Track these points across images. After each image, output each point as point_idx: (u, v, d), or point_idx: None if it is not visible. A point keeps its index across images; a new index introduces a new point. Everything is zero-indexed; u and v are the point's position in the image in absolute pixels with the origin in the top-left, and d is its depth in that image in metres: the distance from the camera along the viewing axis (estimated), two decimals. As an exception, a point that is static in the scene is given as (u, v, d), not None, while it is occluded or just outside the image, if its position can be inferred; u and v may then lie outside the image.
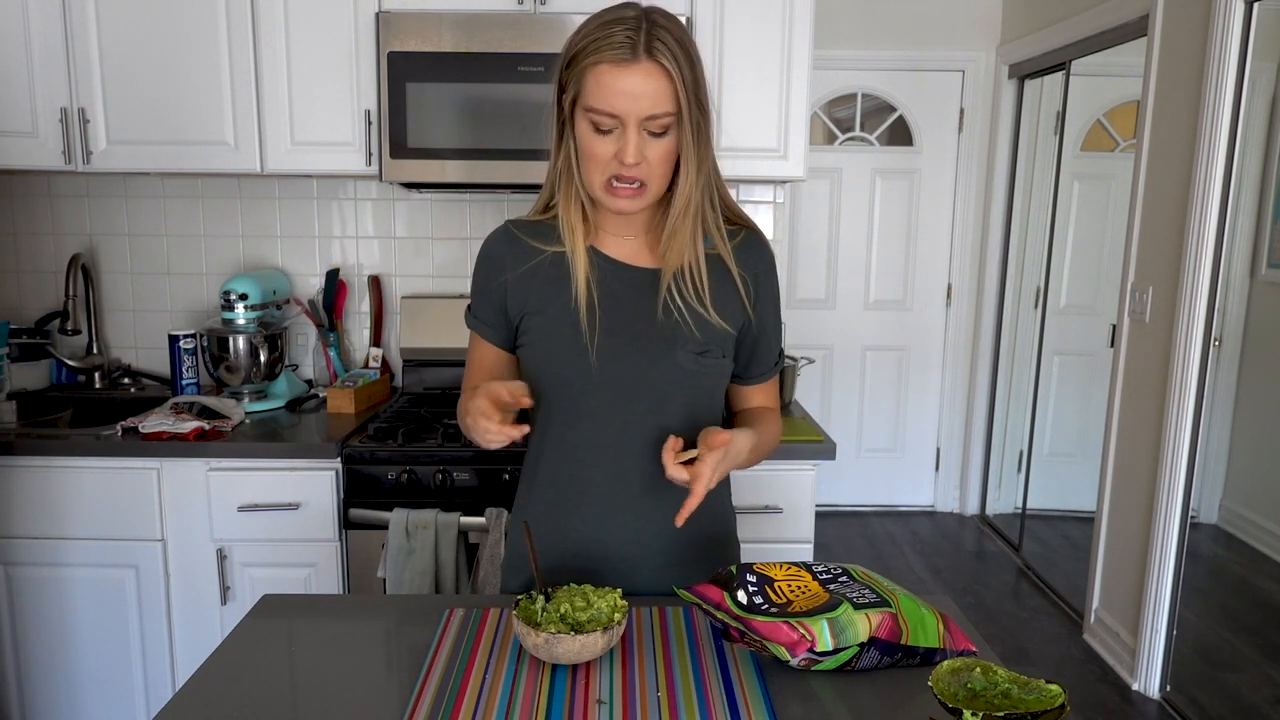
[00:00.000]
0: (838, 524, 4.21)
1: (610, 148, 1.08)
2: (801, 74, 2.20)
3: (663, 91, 1.05)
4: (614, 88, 1.04)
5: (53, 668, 2.07)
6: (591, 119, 1.07)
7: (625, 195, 1.11)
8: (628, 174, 1.09)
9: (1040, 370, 3.83)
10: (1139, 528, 2.76)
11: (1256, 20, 2.36)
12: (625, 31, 1.04)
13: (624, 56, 1.03)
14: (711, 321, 1.18)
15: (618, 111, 1.05)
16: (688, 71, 1.06)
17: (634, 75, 1.04)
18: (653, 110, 1.06)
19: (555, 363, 1.19)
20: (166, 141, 2.18)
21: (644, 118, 1.06)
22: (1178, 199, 2.59)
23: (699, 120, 1.10)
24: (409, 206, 2.53)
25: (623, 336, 1.18)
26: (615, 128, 1.07)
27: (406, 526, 1.90)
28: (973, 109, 4.05)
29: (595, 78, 1.05)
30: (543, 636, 0.98)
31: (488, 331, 1.25)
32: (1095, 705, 2.70)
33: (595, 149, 1.09)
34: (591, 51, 1.05)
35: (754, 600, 1.01)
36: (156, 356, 2.55)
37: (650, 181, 1.11)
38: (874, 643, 1.00)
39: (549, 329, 1.19)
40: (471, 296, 1.27)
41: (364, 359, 2.55)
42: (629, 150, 1.07)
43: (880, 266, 4.22)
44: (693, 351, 1.18)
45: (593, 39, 1.05)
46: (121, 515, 2.00)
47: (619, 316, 1.18)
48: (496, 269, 1.22)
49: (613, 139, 1.08)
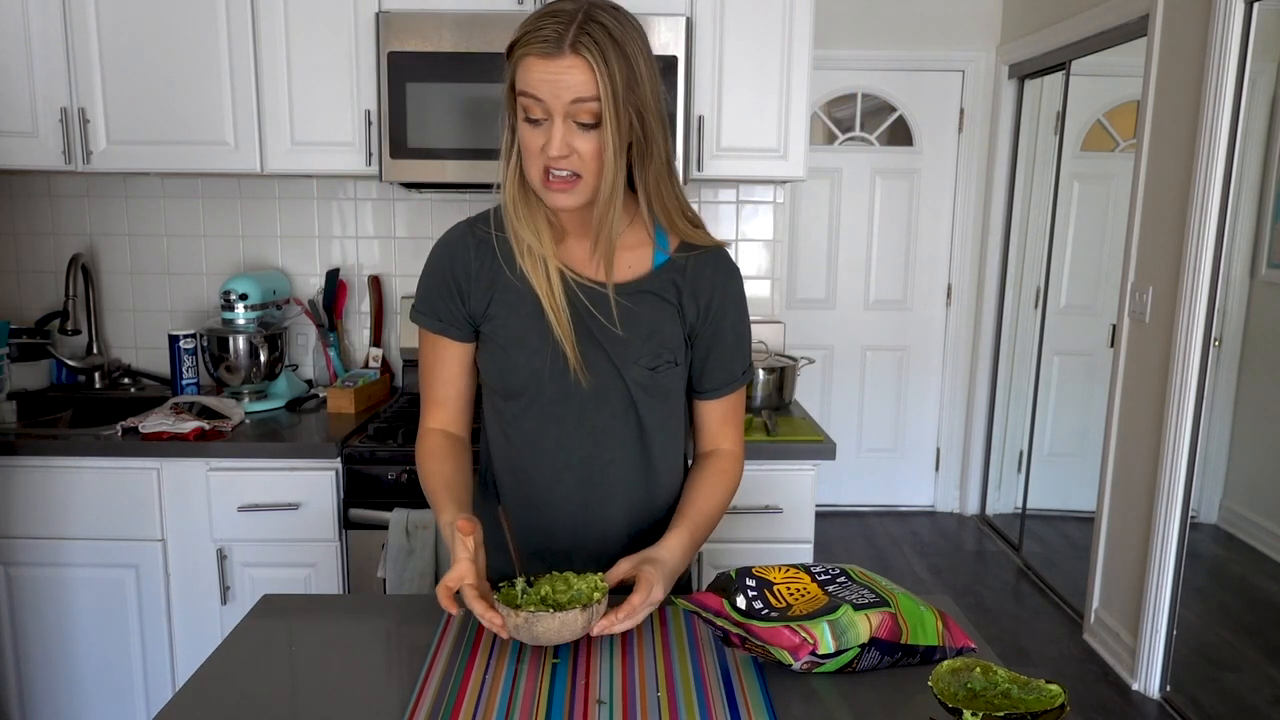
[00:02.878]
0: (838, 524, 4.21)
1: (541, 139, 1.07)
2: (801, 74, 2.20)
3: (587, 82, 1.04)
4: (537, 77, 1.05)
5: (53, 668, 2.07)
6: (522, 104, 1.07)
7: (557, 188, 1.09)
8: (555, 165, 1.08)
9: (1040, 370, 3.83)
10: (1139, 528, 2.76)
11: (1256, 20, 2.36)
12: (556, 25, 1.04)
13: (548, 50, 1.04)
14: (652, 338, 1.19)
15: (542, 96, 1.05)
16: (617, 66, 1.05)
17: (557, 65, 1.04)
18: (576, 95, 1.04)
19: (523, 370, 1.19)
20: (166, 141, 2.18)
21: (569, 103, 1.05)
22: (1178, 199, 2.59)
23: (633, 119, 1.08)
24: (409, 206, 2.53)
25: (587, 346, 1.18)
26: (545, 118, 1.07)
27: (406, 526, 1.90)
28: (973, 109, 4.05)
29: (525, 68, 1.06)
30: (522, 616, 0.98)
31: (454, 332, 1.23)
32: (1095, 705, 2.70)
33: (527, 139, 1.09)
34: (523, 43, 1.06)
35: (754, 605, 1.01)
36: (156, 356, 2.55)
37: (585, 175, 1.09)
38: (875, 643, 1.00)
39: (515, 333, 1.19)
40: (425, 297, 1.24)
41: (364, 359, 2.55)
42: (554, 141, 1.06)
43: (880, 266, 4.22)
44: (644, 366, 1.19)
45: (526, 30, 1.06)
46: (121, 515, 2.00)
47: (582, 326, 1.18)
48: (460, 269, 1.21)
49: (541, 130, 1.07)
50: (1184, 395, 2.54)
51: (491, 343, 1.21)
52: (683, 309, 1.22)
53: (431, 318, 1.23)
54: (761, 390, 2.31)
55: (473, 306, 1.21)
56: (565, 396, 1.20)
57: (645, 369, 1.19)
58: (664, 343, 1.20)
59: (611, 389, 1.20)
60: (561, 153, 1.06)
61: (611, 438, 1.22)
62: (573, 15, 1.05)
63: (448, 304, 1.22)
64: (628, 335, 1.19)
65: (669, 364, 1.21)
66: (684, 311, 1.22)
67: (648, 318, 1.20)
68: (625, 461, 1.24)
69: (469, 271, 1.21)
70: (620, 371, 1.19)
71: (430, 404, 1.28)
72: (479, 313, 1.21)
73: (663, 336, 1.20)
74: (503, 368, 1.20)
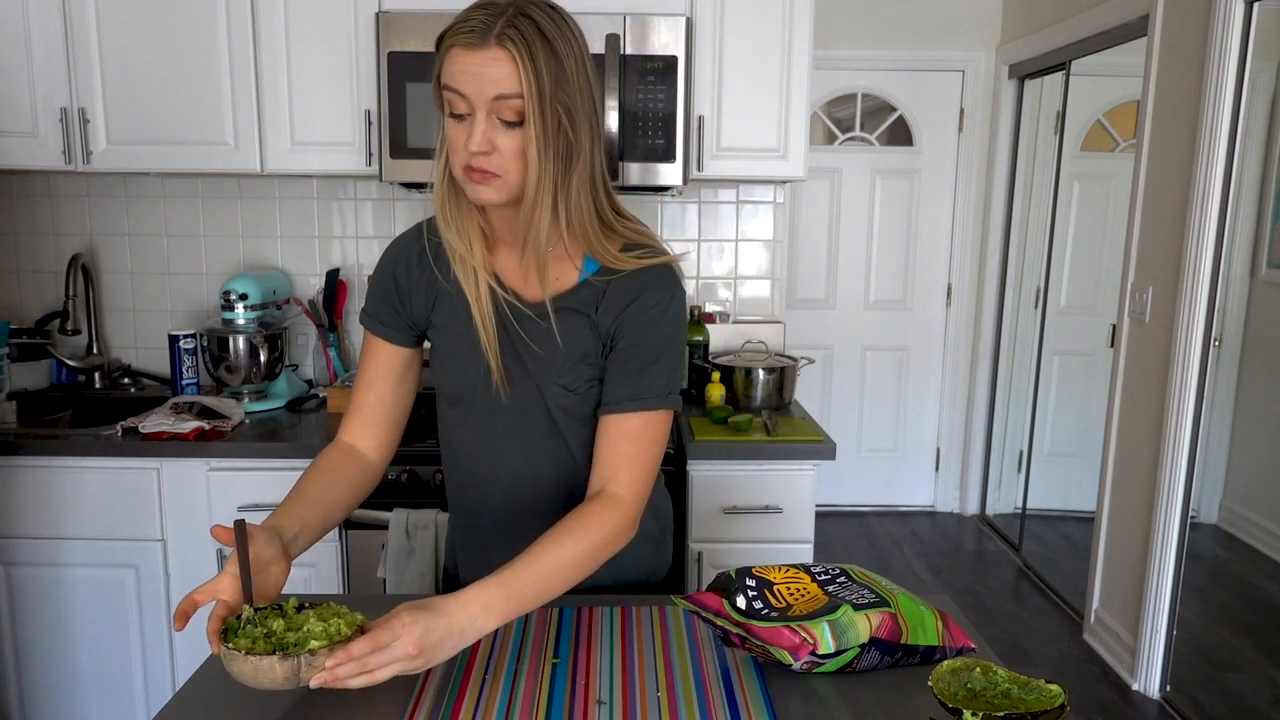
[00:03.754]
0: (838, 524, 4.21)
1: (464, 134, 1.04)
2: (801, 74, 2.20)
3: (510, 77, 1.01)
4: (460, 68, 1.01)
5: (53, 668, 2.07)
6: (445, 98, 1.04)
7: (477, 179, 1.05)
8: (476, 164, 1.04)
9: (1040, 370, 3.83)
10: (1139, 528, 2.76)
11: (1256, 20, 2.36)
12: (484, 16, 1.01)
13: (473, 40, 1.01)
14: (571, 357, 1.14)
15: (464, 90, 1.02)
16: (545, 63, 1.01)
17: (480, 57, 1.01)
18: (497, 91, 1.01)
19: (462, 380, 1.18)
20: (166, 141, 2.18)
21: (491, 98, 1.01)
22: (1178, 199, 2.59)
23: (561, 119, 1.03)
24: (409, 206, 2.53)
25: (511, 361, 1.16)
26: (469, 113, 1.03)
27: (406, 526, 1.90)
28: (973, 109, 4.05)
29: (449, 59, 1.03)
30: (221, 651, 0.87)
31: (391, 334, 1.20)
32: (1095, 705, 2.70)
33: (450, 133, 1.05)
34: (449, 35, 1.03)
35: (754, 605, 1.01)
36: (156, 356, 2.55)
37: (506, 174, 1.04)
38: (875, 643, 1.00)
39: (453, 340, 1.18)
40: (370, 298, 1.23)
41: (364, 359, 2.55)
42: (475, 136, 1.02)
43: (880, 266, 4.22)
44: (564, 386, 1.16)
45: (453, 24, 1.04)
46: (121, 515, 2.00)
47: (507, 340, 1.16)
48: (402, 271, 1.20)
49: (464, 126, 1.04)
50: (1184, 395, 2.54)
51: (434, 348, 1.21)
52: (597, 323, 1.14)
53: (374, 320, 1.22)
54: (761, 390, 2.31)
55: (414, 311, 1.20)
56: (495, 409, 1.18)
57: (564, 389, 1.16)
58: (586, 361, 1.15)
59: (534, 407, 1.18)
60: (481, 148, 1.02)
61: (541, 454, 1.20)
62: (503, 9, 1.02)
63: (388, 306, 1.21)
64: (548, 354, 1.15)
65: (591, 383, 1.16)
66: (598, 325, 1.15)
67: (570, 336, 1.14)
68: (556, 480, 1.21)
69: (411, 274, 1.19)
70: (541, 391, 1.17)
71: (350, 411, 1.23)
72: (421, 318, 1.20)
73: (585, 355, 1.15)
74: (441, 374, 1.20)
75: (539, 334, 1.15)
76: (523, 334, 1.15)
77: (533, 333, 1.15)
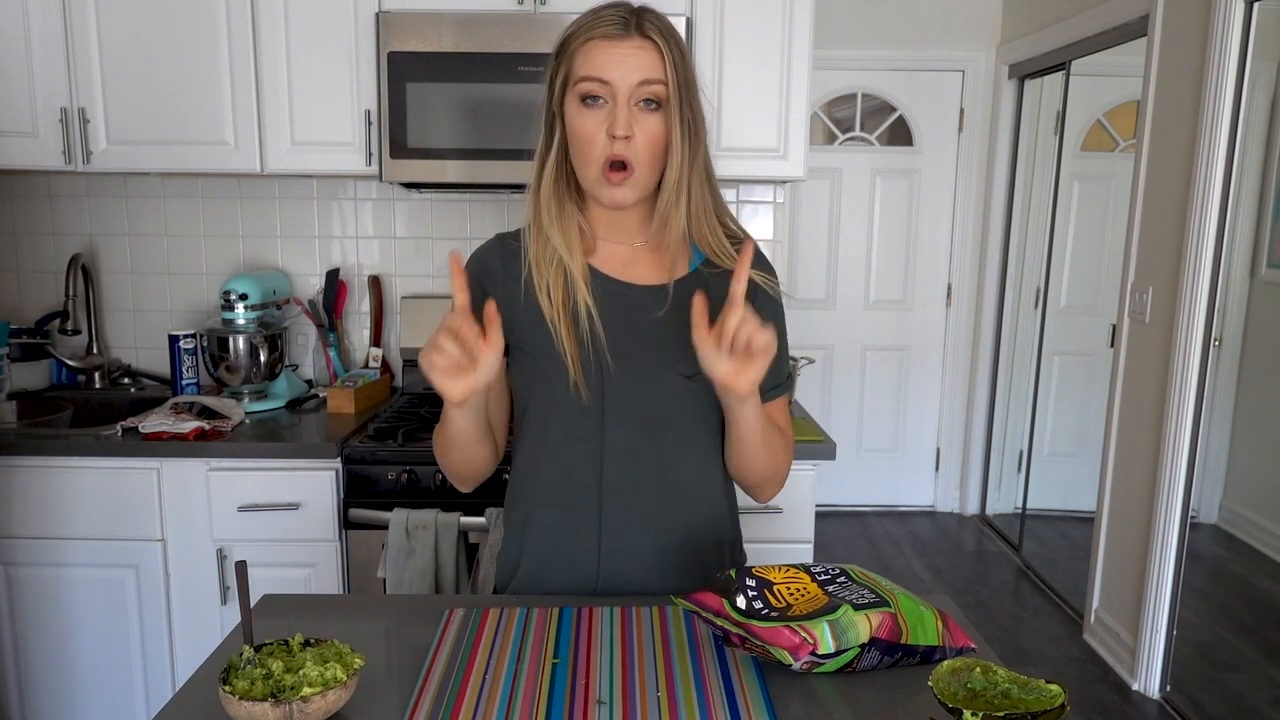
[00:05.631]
0: (838, 524, 4.21)
1: (600, 122, 1.06)
2: (801, 74, 2.20)
3: (654, 63, 1.06)
4: (604, 58, 1.05)
5: (53, 668, 2.07)
6: (581, 89, 1.07)
7: (617, 180, 1.08)
8: (617, 153, 1.06)
9: (1040, 370, 3.83)
10: (1139, 528, 2.76)
11: (1256, 20, 2.36)
12: (618, 14, 1.07)
13: (616, 32, 1.05)
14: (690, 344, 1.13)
15: (608, 77, 1.05)
16: (678, 54, 1.07)
17: (625, 46, 1.05)
18: (643, 76, 1.05)
19: (554, 385, 1.15)
20: (166, 141, 2.18)
21: (635, 84, 1.05)
22: (1178, 199, 2.59)
23: (689, 111, 1.09)
24: (409, 206, 2.53)
25: (621, 360, 1.15)
26: (605, 100, 1.06)
27: (406, 526, 1.90)
28: (973, 109, 4.05)
29: (586, 53, 1.06)
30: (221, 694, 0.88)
31: None
32: (1095, 705, 2.70)
33: (585, 125, 1.07)
34: (583, 33, 1.06)
35: (754, 605, 1.01)
36: (156, 356, 2.55)
37: (638, 165, 1.08)
38: (875, 643, 1.00)
39: (547, 350, 1.15)
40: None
41: (364, 359, 2.55)
42: (619, 121, 1.05)
43: (880, 266, 4.23)
44: (682, 374, 1.15)
45: (584, 24, 1.08)
46: (121, 515, 2.00)
47: (618, 338, 1.15)
48: (490, 281, 1.18)
49: (603, 114, 1.07)
50: (1184, 395, 2.54)
51: (518, 356, 1.18)
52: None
53: None
54: (761, 390, 2.30)
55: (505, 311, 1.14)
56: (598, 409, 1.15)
57: (682, 376, 1.15)
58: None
59: (640, 401, 1.15)
60: (626, 131, 1.05)
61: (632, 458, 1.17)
62: (632, 8, 1.08)
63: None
64: (668, 338, 1.14)
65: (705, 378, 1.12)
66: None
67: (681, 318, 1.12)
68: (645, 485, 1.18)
69: (497, 281, 1.18)
70: (655, 382, 1.15)
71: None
72: (512, 328, 1.17)
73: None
74: (534, 381, 1.17)
75: (651, 324, 1.15)
76: (634, 325, 1.15)
77: (644, 322, 1.15)
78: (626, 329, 1.15)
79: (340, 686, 0.89)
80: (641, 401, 1.16)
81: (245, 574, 0.96)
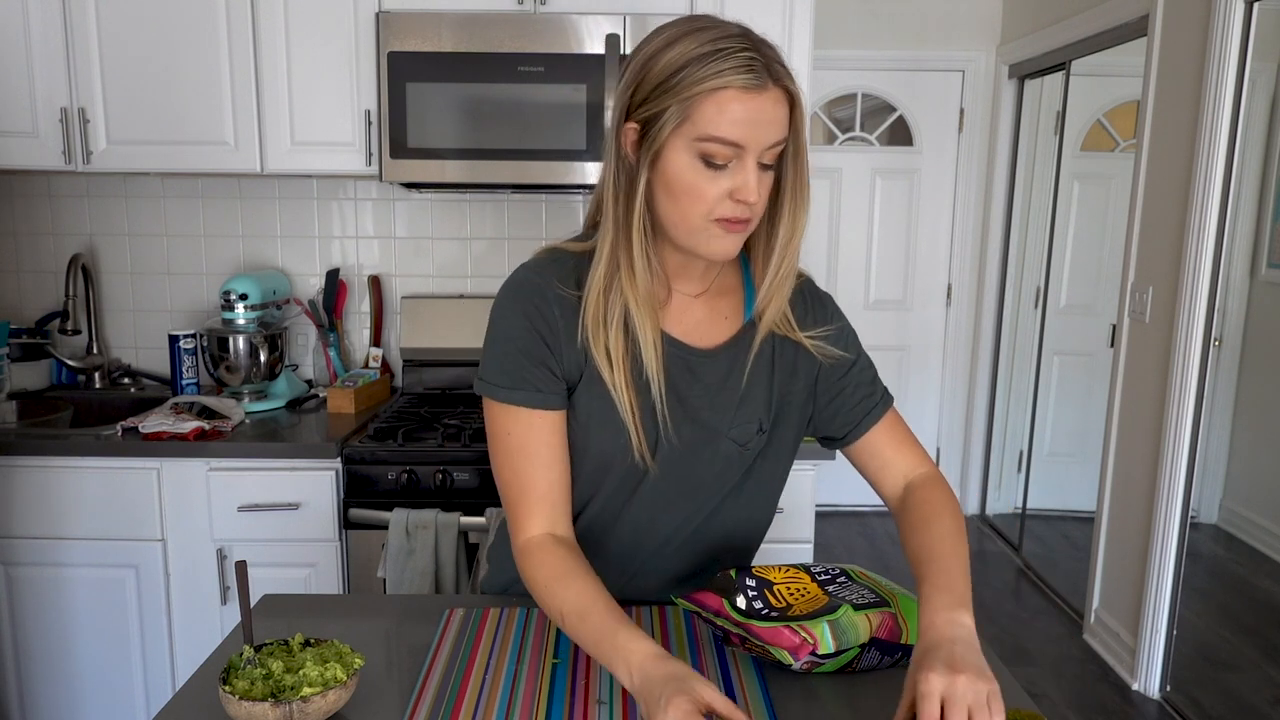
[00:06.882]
0: (838, 524, 4.21)
1: (721, 185, 0.93)
2: (802, 74, 2.19)
3: (785, 119, 0.94)
4: (741, 116, 0.90)
5: (53, 668, 2.07)
6: (705, 150, 0.92)
7: (738, 232, 0.97)
8: (741, 215, 0.95)
9: (1040, 370, 3.83)
10: (1139, 528, 2.76)
11: (1256, 20, 2.36)
12: (746, 54, 0.90)
13: (753, 82, 0.90)
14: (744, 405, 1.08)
15: (743, 141, 0.91)
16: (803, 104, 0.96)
17: (764, 102, 0.91)
18: (776, 138, 0.93)
19: (608, 449, 1.06)
20: (166, 141, 2.18)
21: (765, 148, 0.93)
22: (1178, 199, 2.59)
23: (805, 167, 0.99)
24: (409, 206, 2.53)
25: (676, 425, 1.06)
26: (730, 160, 0.93)
27: (406, 526, 1.90)
28: (973, 109, 4.05)
29: (718, 105, 0.90)
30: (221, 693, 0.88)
31: (555, 400, 1.03)
32: (1095, 705, 2.70)
33: (703, 187, 0.93)
34: (711, 75, 0.90)
35: (754, 605, 1.01)
36: (156, 356, 2.55)
37: (754, 220, 0.97)
38: (875, 643, 1.00)
39: (599, 411, 1.04)
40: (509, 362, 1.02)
41: (364, 359, 2.55)
42: (750, 188, 0.93)
43: (880, 266, 4.22)
44: (735, 441, 1.08)
45: (707, 61, 0.90)
46: (121, 515, 2.00)
47: (674, 403, 1.06)
48: (545, 327, 1.02)
49: (725, 175, 0.93)
50: (1184, 395, 2.54)
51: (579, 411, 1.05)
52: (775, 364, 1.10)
53: (528, 390, 1.02)
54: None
55: (567, 370, 1.04)
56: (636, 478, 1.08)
57: (735, 442, 1.08)
58: (754, 411, 1.09)
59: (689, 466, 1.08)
60: (757, 198, 0.94)
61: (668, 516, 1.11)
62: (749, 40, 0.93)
63: (543, 370, 1.02)
64: (723, 403, 1.07)
65: (758, 433, 1.10)
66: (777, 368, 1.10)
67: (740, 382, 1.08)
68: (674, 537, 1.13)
69: (558, 332, 1.03)
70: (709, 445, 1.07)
71: (523, 503, 1.03)
72: (573, 378, 1.04)
73: (754, 404, 1.09)
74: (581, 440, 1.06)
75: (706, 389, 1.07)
76: (690, 388, 1.07)
77: (699, 386, 1.07)
78: (683, 395, 1.07)
79: (340, 686, 0.89)
80: (691, 466, 1.09)
81: (245, 574, 0.96)
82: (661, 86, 0.92)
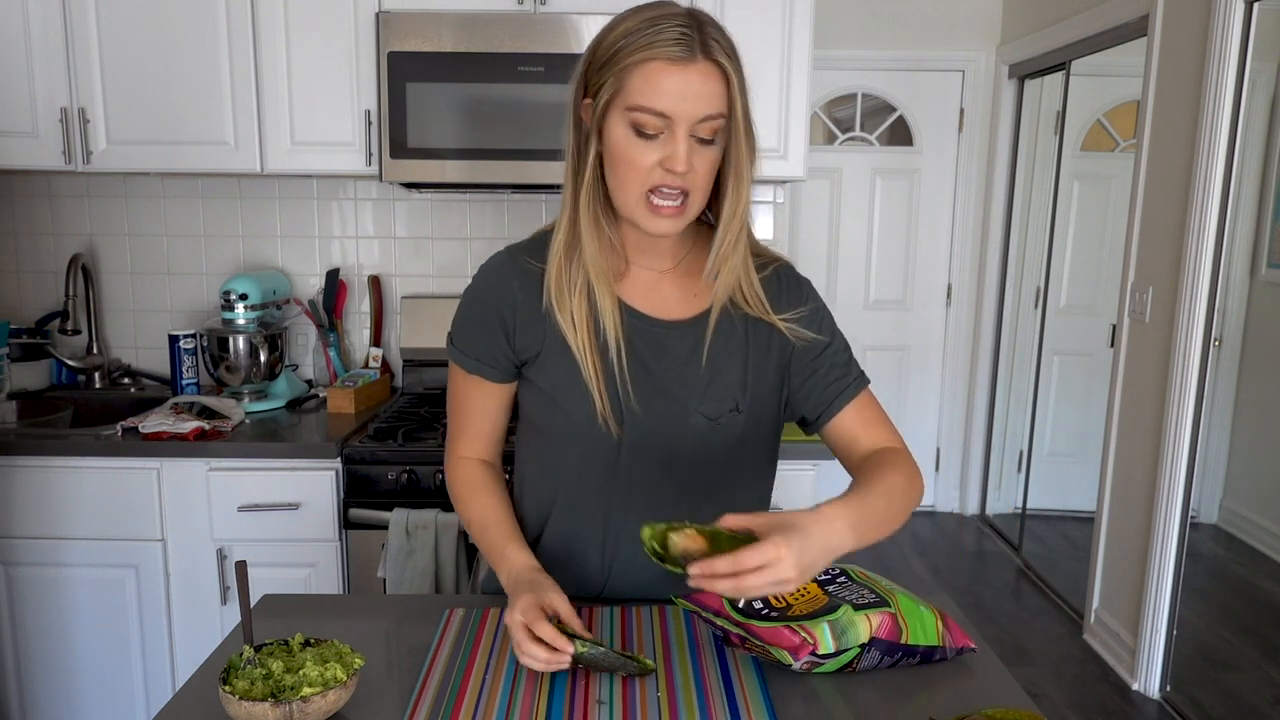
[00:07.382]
0: (838, 524, 4.20)
1: (653, 154, 0.97)
2: (801, 74, 2.20)
3: (718, 94, 0.96)
4: (666, 86, 0.94)
5: (53, 668, 2.07)
6: (635, 119, 0.96)
7: (668, 214, 1.00)
8: (673, 184, 0.98)
9: (1040, 370, 3.83)
10: (1139, 528, 2.76)
11: (1256, 20, 2.36)
12: (679, 28, 0.94)
13: (680, 54, 0.93)
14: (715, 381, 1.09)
15: (669, 112, 0.95)
16: (741, 80, 0.98)
17: (689, 73, 0.94)
18: (707, 111, 0.96)
19: (574, 416, 1.09)
20: (166, 141, 2.18)
21: (696, 120, 0.96)
22: (1178, 199, 2.59)
23: (748, 143, 1.02)
24: (409, 206, 2.53)
25: (644, 398, 1.08)
26: (661, 132, 0.96)
27: (406, 526, 1.90)
28: (973, 109, 4.05)
29: (644, 76, 0.94)
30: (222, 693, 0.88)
31: (492, 373, 1.13)
32: (1095, 705, 2.70)
33: (635, 156, 0.97)
34: (641, 47, 0.94)
35: (754, 605, 1.01)
36: (156, 356, 2.55)
37: (693, 194, 1.00)
38: (875, 643, 1.00)
39: (565, 379, 1.08)
40: (463, 331, 1.14)
41: (364, 359, 2.55)
42: (679, 157, 0.96)
43: (880, 266, 4.23)
44: (705, 416, 1.09)
45: (639, 35, 0.95)
46: (121, 515, 2.00)
47: (640, 375, 1.08)
48: (504, 304, 1.10)
49: (656, 145, 0.97)
50: (1184, 395, 2.54)
51: (534, 386, 1.12)
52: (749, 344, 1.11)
53: (470, 356, 1.13)
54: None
55: (519, 345, 1.11)
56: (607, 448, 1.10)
57: (706, 418, 1.09)
58: (727, 389, 1.10)
59: (661, 441, 1.10)
60: (686, 168, 0.97)
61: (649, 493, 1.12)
62: (689, 15, 0.96)
63: (489, 342, 1.12)
64: (691, 377, 1.09)
65: (731, 412, 1.10)
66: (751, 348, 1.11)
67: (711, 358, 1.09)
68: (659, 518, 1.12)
69: (514, 306, 1.10)
70: (679, 419, 1.09)
71: (460, 434, 1.19)
72: (527, 352, 1.11)
73: (726, 382, 1.10)
74: (551, 412, 1.11)
75: (673, 362, 1.09)
76: (656, 362, 1.09)
77: (666, 360, 1.09)
78: (649, 366, 1.09)
79: (340, 686, 0.89)
80: (662, 442, 1.10)
81: (245, 574, 0.96)
82: (605, 61, 0.98)
